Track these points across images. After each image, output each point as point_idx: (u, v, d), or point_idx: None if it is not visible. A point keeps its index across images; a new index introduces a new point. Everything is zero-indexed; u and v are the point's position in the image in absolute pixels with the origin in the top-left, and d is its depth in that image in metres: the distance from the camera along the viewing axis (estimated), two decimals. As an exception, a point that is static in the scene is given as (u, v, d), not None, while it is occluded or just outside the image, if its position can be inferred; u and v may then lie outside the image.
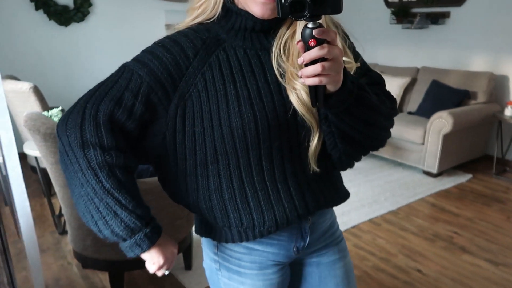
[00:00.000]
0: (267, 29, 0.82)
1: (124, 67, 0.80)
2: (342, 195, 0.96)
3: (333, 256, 0.99)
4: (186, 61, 0.79)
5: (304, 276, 1.01)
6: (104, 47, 4.39)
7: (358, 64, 0.84)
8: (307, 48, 0.65)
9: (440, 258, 2.41)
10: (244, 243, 0.89)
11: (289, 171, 0.84)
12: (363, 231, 2.71)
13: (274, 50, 0.81)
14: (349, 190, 1.00)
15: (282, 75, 0.80)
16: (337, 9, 0.64)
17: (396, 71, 4.48)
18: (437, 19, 4.27)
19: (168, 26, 4.68)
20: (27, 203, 1.48)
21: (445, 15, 4.26)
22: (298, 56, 0.75)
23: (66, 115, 0.78)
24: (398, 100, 4.26)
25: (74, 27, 4.20)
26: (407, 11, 4.54)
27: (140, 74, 0.78)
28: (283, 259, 0.93)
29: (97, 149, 0.75)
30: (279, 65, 0.80)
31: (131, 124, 0.78)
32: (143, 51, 0.82)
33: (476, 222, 2.85)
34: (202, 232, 0.93)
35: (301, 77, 0.68)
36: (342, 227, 2.70)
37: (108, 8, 4.35)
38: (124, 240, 0.78)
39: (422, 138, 3.59)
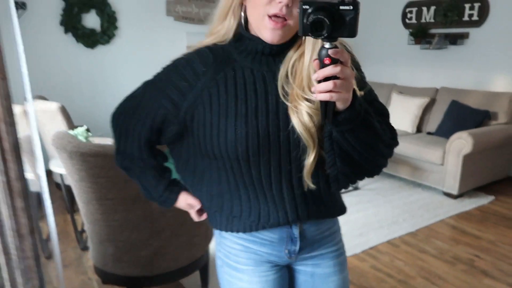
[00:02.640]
0: (275, 53, 0.90)
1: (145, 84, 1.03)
2: (337, 210, 1.01)
3: (328, 268, 1.03)
4: (195, 77, 0.91)
5: (299, 284, 1.06)
6: (128, 68, 4.54)
7: (362, 93, 0.89)
8: (322, 65, 0.72)
9: (461, 281, 2.35)
10: (240, 241, 0.97)
11: (276, 185, 0.92)
12: (381, 252, 2.68)
13: (281, 71, 0.88)
14: (368, 211, 1.03)
15: (284, 96, 0.88)
16: (353, 33, 0.71)
17: (415, 92, 4.47)
18: (455, 39, 4.27)
19: (189, 47, 4.80)
20: (52, 218, 1.54)
21: (464, 36, 4.26)
22: (308, 76, 0.85)
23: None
24: (417, 121, 4.24)
25: (100, 49, 4.38)
26: (425, 32, 4.56)
27: (161, 103, 0.96)
28: (277, 259, 1.00)
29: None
30: (283, 87, 0.88)
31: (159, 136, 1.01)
32: (160, 77, 1.01)
33: (498, 246, 2.78)
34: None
35: (313, 93, 0.75)
36: (359, 248, 2.70)
37: (133, 31, 4.53)
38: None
39: (441, 158, 3.56)
